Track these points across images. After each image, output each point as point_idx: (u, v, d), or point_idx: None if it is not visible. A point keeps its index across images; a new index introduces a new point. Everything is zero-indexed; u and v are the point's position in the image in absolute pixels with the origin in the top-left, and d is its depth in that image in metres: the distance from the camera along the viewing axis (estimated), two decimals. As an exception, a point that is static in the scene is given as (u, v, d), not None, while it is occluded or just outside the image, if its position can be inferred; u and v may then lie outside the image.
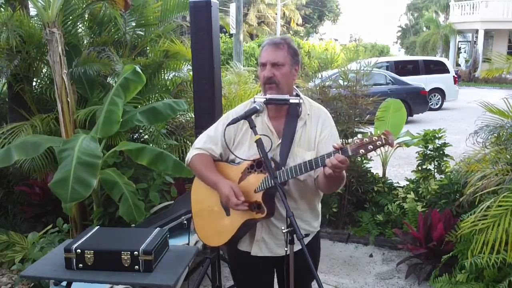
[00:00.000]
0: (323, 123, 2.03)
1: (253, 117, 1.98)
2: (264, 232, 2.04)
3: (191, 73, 4.00)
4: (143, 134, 4.82)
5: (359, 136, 1.76)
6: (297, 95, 2.05)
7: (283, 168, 1.89)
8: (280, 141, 1.99)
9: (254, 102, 1.97)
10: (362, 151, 1.70)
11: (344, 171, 1.83)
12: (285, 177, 1.86)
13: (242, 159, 2.01)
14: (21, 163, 3.90)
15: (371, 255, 4.18)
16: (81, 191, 3.00)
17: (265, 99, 1.96)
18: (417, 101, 11.95)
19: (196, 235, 2.77)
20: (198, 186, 2.16)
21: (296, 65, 2.02)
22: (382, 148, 1.70)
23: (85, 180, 3.02)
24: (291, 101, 1.96)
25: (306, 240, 2.07)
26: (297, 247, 1.84)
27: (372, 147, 1.69)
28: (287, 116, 2.01)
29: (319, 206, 2.17)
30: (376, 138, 1.69)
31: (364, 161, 4.70)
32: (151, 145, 4.25)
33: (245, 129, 2.02)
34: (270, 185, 1.87)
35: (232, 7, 12.72)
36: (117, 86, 3.58)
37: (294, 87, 2.09)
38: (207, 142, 2.10)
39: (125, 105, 3.70)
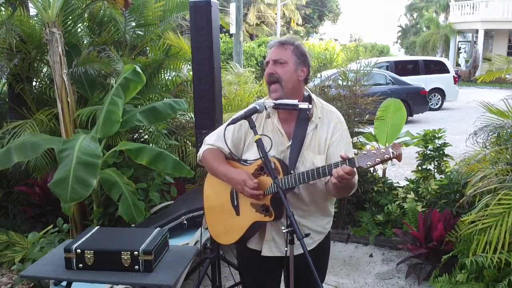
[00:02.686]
0: (335, 126, 2.00)
1: (264, 119, 2.00)
2: (274, 232, 2.04)
3: (191, 73, 4.00)
4: (143, 134, 4.83)
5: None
6: (309, 96, 2.04)
7: (292, 172, 1.89)
8: (290, 143, 1.97)
9: (264, 106, 1.95)
10: (369, 163, 1.70)
11: (355, 178, 1.82)
12: (292, 183, 1.86)
13: (239, 158, 2.01)
14: (24, 163, 3.90)
15: (371, 255, 4.18)
16: (80, 191, 2.99)
17: (274, 104, 1.94)
18: (417, 101, 11.96)
19: (201, 232, 2.79)
20: (210, 183, 2.17)
21: (303, 66, 1.98)
22: (390, 161, 1.69)
23: (84, 180, 3.02)
24: (300, 106, 1.92)
25: (317, 241, 2.09)
26: (301, 249, 1.82)
27: (379, 159, 1.69)
28: (298, 119, 1.99)
29: (332, 207, 2.14)
30: (384, 151, 1.68)
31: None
32: (151, 145, 4.25)
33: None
34: (277, 190, 1.85)
35: (232, 7, 12.71)
36: (117, 86, 3.58)
37: (306, 88, 2.06)
38: (217, 140, 2.10)
39: (125, 104, 3.70)
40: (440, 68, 14.77)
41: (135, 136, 4.79)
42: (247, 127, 2.00)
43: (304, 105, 1.93)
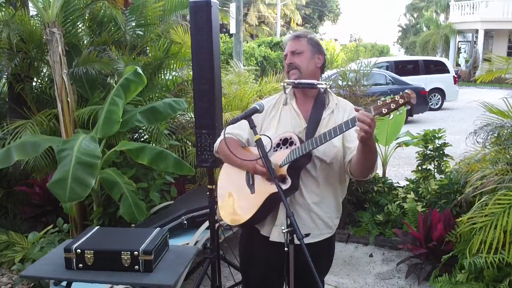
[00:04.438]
0: (350, 113, 2.08)
1: (281, 105, 2.11)
2: (284, 218, 2.04)
3: (191, 72, 4.00)
4: (143, 134, 4.83)
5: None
6: (325, 89, 2.13)
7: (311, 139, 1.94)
8: (307, 125, 2.05)
9: (284, 87, 2.09)
10: (384, 110, 1.72)
11: (376, 148, 1.88)
12: (313, 145, 1.89)
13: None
14: (24, 162, 3.90)
15: (371, 255, 4.18)
16: (79, 191, 3.00)
17: (293, 83, 2.05)
18: (417, 101, 11.88)
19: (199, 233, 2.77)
20: (225, 172, 2.23)
21: (319, 54, 2.09)
22: (404, 106, 1.72)
23: (83, 180, 3.02)
24: (319, 86, 2.04)
25: (324, 235, 2.13)
26: (308, 239, 1.93)
27: (394, 105, 1.71)
28: (315, 103, 2.09)
29: (341, 200, 2.19)
30: (399, 97, 1.72)
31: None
32: (152, 144, 4.25)
33: (272, 115, 2.12)
34: (296, 157, 1.91)
35: (232, 7, 12.69)
36: (118, 86, 3.59)
37: (323, 83, 2.14)
38: (235, 128, 2.15)
39: (126, 105, 3.70)
40: (440, 68, 14.76)
41: (135, 136, 4.79)
42: (264, 115, 2.10)
43: (322, 84, 2.05)
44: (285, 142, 1.98)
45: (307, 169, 2.02)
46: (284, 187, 1.92)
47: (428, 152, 4.42)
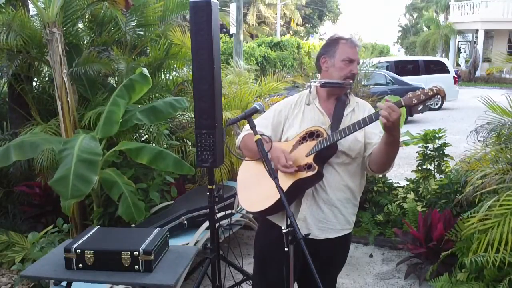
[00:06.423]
0: (369, 111, 2.15)
1: (304, 104, 2.17)
2: (308, 213, 2.11)
3: (191, 72, 4.00)
4: (143, 134, 4.82)
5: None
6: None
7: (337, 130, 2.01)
8: (331, 122, 2.12)
9: (310, 86, 2.17)
10: (414, 100, 1.80)
11: (399, 142, 1.93)
12: (340, 135, 1.96)
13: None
14: (37, 162, 3.89)
15: (371, 255, 4.18)
16: (81, 188, 3.01)
17: (321, 83, 2.13)
18: (417, 101, 11.92)
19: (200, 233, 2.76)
20: (246, 166, 2.28)
21: None
22: (434, 98, 1.79)
23: (85, 177, 3.04)
24: (345, 85, 2.12)
25: (343, 231, 2.20)
26: (329, 234, 2.11)
27: (424, 96, 1.79)
28: (337, 102, 2.17)
29: (358, 198, 2.23)
30: (428, 89, 1.79)
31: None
32: (152, 144, 4.24)
33: (296, 113, 2.18)
34: (323, 146, 1.98)
35: (232, 7, 12.70)
36: (121, 87, 3.60)
37: (350, 82, 2.21)
38: (257, 126, 2.15)
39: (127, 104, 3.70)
40: (440, 68, 14.78)
41: (135, 136, 4.79)
42: (287, 113, 2.19)
43: (348, 83, 2.11)
44: (311, 135, 2.06)
45: (332, 164, 2.08)
46: (310, 173, 1.98)
47: (428, 152, 4.42)
